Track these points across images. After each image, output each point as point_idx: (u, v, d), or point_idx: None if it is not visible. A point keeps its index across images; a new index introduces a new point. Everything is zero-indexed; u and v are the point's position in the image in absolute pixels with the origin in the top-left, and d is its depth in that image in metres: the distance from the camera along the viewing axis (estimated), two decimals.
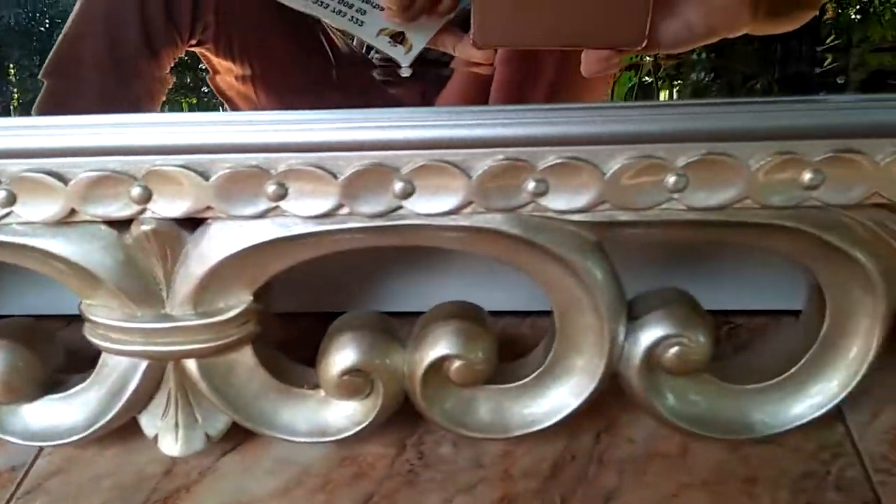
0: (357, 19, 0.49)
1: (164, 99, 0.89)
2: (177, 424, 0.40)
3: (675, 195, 0.34)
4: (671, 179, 0.33)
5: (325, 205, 0.34)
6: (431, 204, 0.34)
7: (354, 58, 1.02)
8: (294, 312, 0.49)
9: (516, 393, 0.39)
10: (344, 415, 0.39)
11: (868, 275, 0.35)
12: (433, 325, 0.38)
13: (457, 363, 0.37)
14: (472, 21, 0.43)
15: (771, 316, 0.51)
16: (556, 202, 0.34)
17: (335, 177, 0.34)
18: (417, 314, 0.41)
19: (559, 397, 0.38)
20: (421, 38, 0.50)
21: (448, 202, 0.34)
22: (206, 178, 0.34)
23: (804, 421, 0.38)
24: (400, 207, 0.34)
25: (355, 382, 0.38)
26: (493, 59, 0.48)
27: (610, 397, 0.40)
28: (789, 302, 0.48)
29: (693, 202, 0.34)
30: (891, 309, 0.36)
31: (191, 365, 0.38)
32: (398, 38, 0.49)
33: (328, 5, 0.48)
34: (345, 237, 0.36)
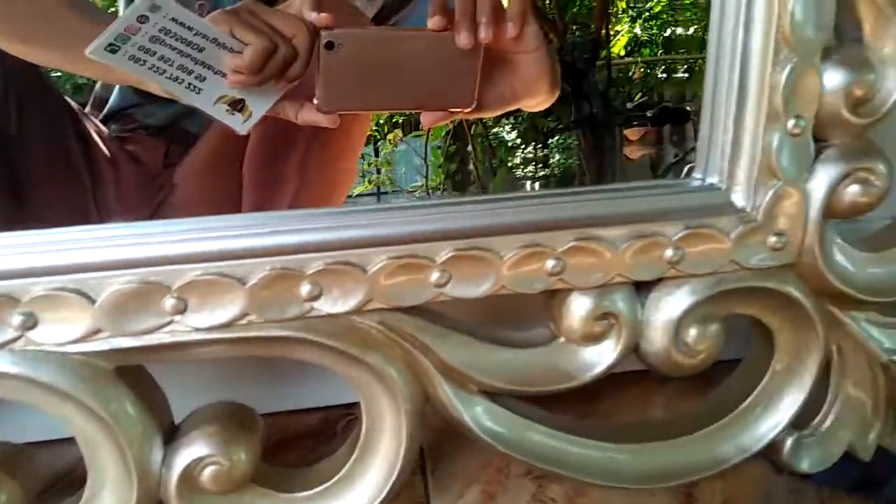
0: (195, 87, 0.46)
1: None
2: None
3: (177, 317, 0.34)
4: (169, 302, 0.33)
5: None
6: None
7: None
8: None
9: None
10: None
11: (384, 376, 0.37)
12: None
13: None
14: (317, 87, 0.46)
15: None
16: (48, 335, 0.32)
17: None
18: None
19: None
20: (262, 104, 0.49)
21: None
22: None
23: None
24: None
25: None
26: (338, 123, 0.49)
27: None
28: None
29: (196, 323, 0.34)
30: (416, 406, 0.38)
31: None
32: (237, 105, 0.48)
33: (164, 71, 0.45)
34: None
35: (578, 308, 0.39)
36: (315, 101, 0.47)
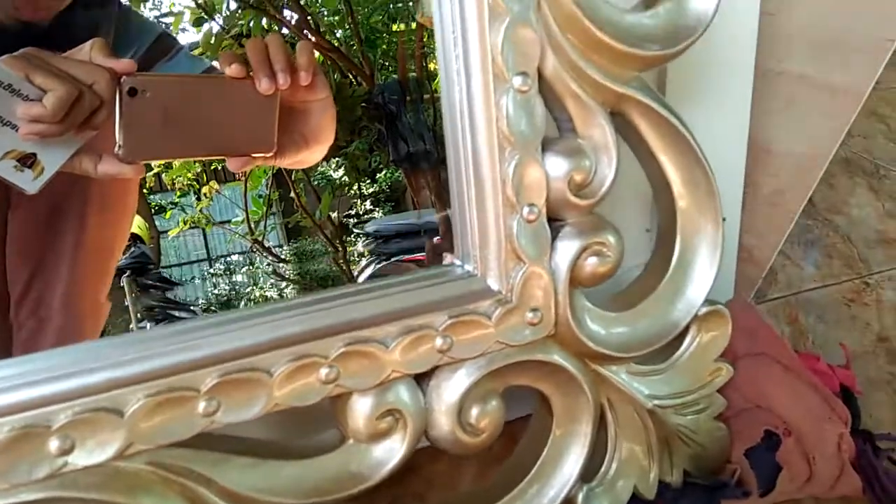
0: None
1: None
2: None
3: None
4: None
5: None
6: None
7: None
8: None
9: None
10: None
11: None
12: None
13: None
14: (118, 136, 0.44)
15: None
16: None
17: None
18: None
19: None
20: (56, 159, 0.44)
21: None
22: None
23: None
24: None
25: None
26: (143, 172, 0.47)
27: None
28: None
29: None
30: None
31: None
32: (27, 161, 0.43)
33: None
34: None
35: (361, 409, 0.39)
36: (117, 151, 0.45)
